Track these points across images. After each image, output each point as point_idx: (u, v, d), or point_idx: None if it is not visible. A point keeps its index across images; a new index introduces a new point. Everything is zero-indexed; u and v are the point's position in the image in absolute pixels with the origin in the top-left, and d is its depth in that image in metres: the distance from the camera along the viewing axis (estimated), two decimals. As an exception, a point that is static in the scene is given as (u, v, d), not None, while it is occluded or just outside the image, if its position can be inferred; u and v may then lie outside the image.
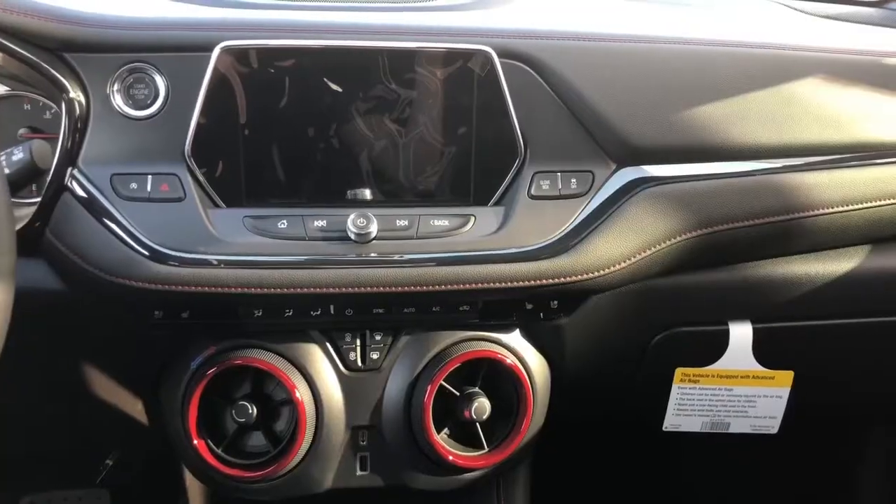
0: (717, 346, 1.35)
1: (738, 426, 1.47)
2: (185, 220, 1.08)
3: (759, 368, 1.37)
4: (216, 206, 1.11)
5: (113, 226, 1.07)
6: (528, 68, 1.20)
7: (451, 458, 1.25)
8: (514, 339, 1.26)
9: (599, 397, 1.48)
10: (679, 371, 1.37)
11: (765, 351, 1.34)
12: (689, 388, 1.41)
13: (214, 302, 1.11)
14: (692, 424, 1.46)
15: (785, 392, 1.43)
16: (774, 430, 1.48)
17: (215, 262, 1.07)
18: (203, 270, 1.06)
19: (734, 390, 1.42)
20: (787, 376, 1.42)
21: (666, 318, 1.34)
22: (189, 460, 1.27)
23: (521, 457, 1.37)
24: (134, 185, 1.08)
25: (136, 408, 1.34)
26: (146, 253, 1.06)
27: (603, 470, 1.94)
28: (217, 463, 1.21)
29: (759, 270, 1.33)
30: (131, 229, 1.06)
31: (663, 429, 1.43)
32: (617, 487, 1.97)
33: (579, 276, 1.17)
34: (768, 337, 1.33)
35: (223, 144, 1.10)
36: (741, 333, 1.34)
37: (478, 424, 1.22)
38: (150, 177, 1.09)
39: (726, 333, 1.33)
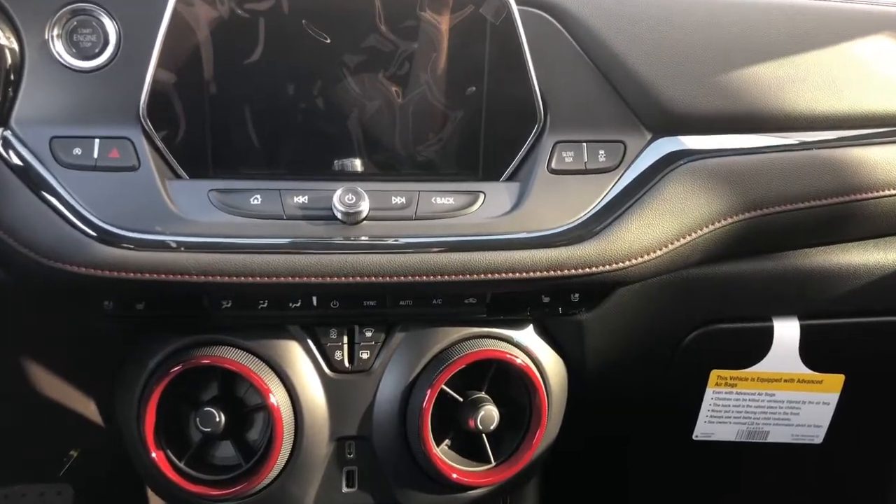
0: (759, 345, 1.25)
1: (778, 435, 1.35)
2: (140, 194, 0.97)
3: (805, 371, 1.27)
4: (177, 176, 1.00)
5: (52, 199, 0.95)
6: (550, 17, 1.06)
7: (454, 475, 1.12)
8: (527, 336, 1.15)
9: (622, 403, 1.37)
10: (714, 374, 1.27)
11: (813, 351, 1.25)
12: (725, 393, 1.29)
13: (175, 291, 1.00)
14: (726, 433, 1.34)
15: (833, 398, 1.31)
16: (818, 440, 1.36)
17: (175, 245, 0.96)
18: (160, 254, 0.95)
19: (776, 395, 1.30)
20: (836, 380, 1.29)
21: (702, 314, 1.21)
22: (147, 474, 1.13)
23: (532, 473, 1.24)
24: (77, 151, 0.97)
25: (89, 408, 1.20)
26: (92, 233, 0.94)
27: (622, 486, 1.79)
28: (178, 478, 1.08)
29: (810, 259, 1.21)
30: (74, 204, 0.95)
31: (693, 438, 1.34)
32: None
33: (607, 266, 1.03)
34: (818, 336, 1.24)
35: (185, 103, 0.99)
36: (787, 331, 1.24)
37: (484, 436, 1.13)
38: (97, 140, 0.97)
39: (770, 331, 1.23)
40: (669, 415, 1.38)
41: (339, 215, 0.98)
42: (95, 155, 0.97)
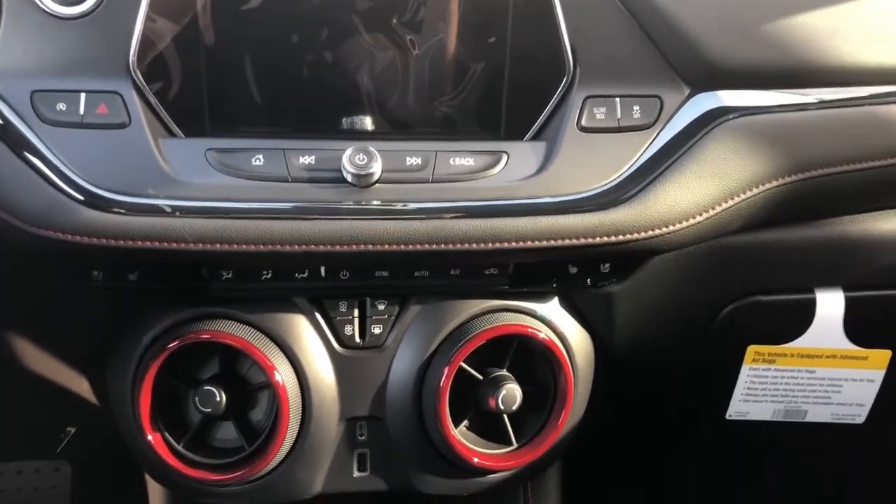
0: (799, 319, 1.17)
1: (816, 415, 1.28)
2: (130, 154, 0.91)
3: (849, 347, 1.20)
4: (171, 134, 0.94)
5: (34, 160, 0.89)
6: (581, -42, 0.98)
7: (474, 459, 1.06)
8: (552, 310, 1.09)
9: (652, 382, 1.31)
10: (752, 349, 1.20)
11: (858, 325, 1.18)
12: (763, 370, 1.22)
13: (170, 261, 0.94)
14: (762, 412, 1.27)
15: (879, 375, 1.23)
16: (860, 420, 1.29)
17: (169, 209, 0.90)
18: (153, 220, 0.89)
19: (816, 372, 1.22)
20: (882, 356, 1.22)
21: (740, 285, 1.13)
22: (143, 458, 1.06)
23: (556, 456, 1.18)
24: (62, 106, 0.91)
25: (81, 386, 1.15)
26: (79, 196, 0.88)
27: (648, 469, 1.72)
28: (176, 462, 1.02)
29: (857, 227, 1.14)
30: (58, 165, 0.89)
31: (727, 417, 1.27)
32: (665, 490, 1.76)
33: (642, 234, 0.96)
34: (863, 308, 1.17)
35: (180, 53, 0.93)
36: (831, 304, 1.16)
37: (505, 416, 1.07)
38: (82, 95, 0.91)
39: (812, 304, 1.16)
40: (701, 393, 1.32)
41: (348, 177, 0.92)
42: (81, 111, 0.91)
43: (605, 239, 0.95)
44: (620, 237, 0.95)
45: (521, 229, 0.93)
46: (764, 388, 1.23)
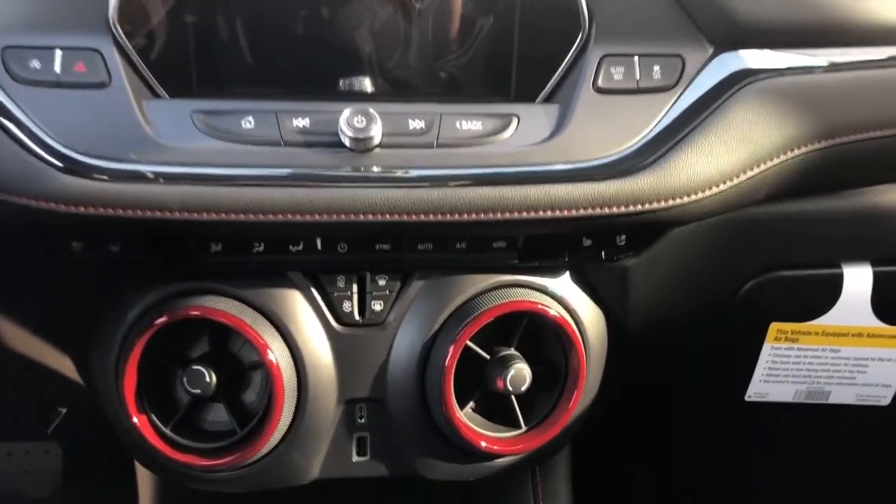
0: (825, 295, 1.12)
1: (840, 396, 1.23)
2: (111, 116, 0.86)
3: (877, 324, 1.14)
4: (154, 95, 0.90)
5: (6, 122, 0.85)
6: None
7: (482, 443, 1.01)
8: (564, 285, 1.04)
9: (668, 361, 1.26)
10: (774, 327, 1.15)
11: (887, 302, 1.12)
12: (785, 349, 1.17)
13: (154, 231, 0.89)
14: (783, 393, 1.22)
15: None
16: (885, 402, 1.24)
17: (152, 175, 0.85)
18: (135, 186, 0.84)
19: (841, 352, 1.17)
20: None
21: (763, 259, 1.08)
22: (129, 440, 1.01)
23: (566, 439, 1.13)
24: (35, 64, 0.86)
25: (65, 365, 1.10)
26: (55, 161, 0.84)
27: (663, 453, 1.67)
28: (163, 445, 0.97)
29: (887, 197, 1.08)
30: (33, 127, 0.85)
31: (746, 398, 1.23)
32: (679, 474, 1.70)
33: (662, 203, 0.91)
34: (893, 284, 1.12)
35: (164, 7, 0.89)
36: (858, 279, 1.11)
37: (513, 397, 1.02)
38: (58, 52, 0.86)
39: (839, 279, 1.11)
40: (719, 374, 1.27)
41: (346, 141, 0.87)
42: (57, 69, 0.86)
43: (623, 209, 0.90)
44: (639, 207, 0.91)
45: (533, 198, 0.88)
46: (786, 367, 1.18)
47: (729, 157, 0.92)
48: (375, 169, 0.87)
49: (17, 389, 1.41)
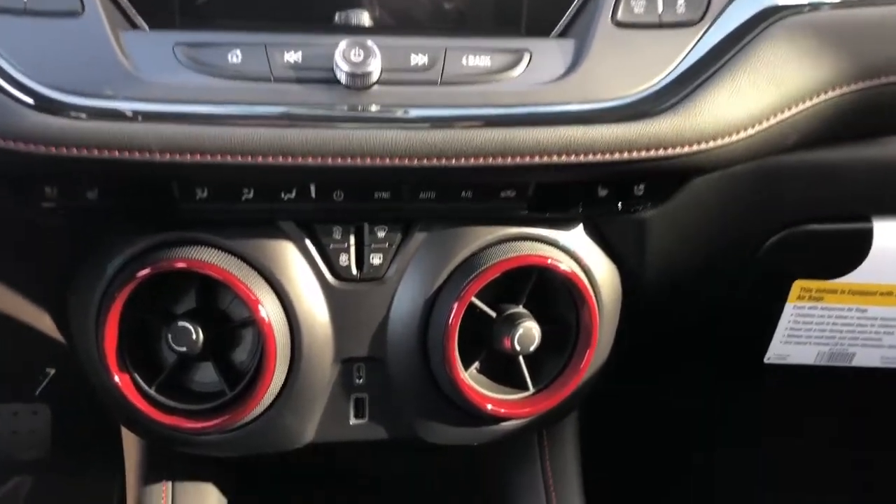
0: (853, 251, 1.07)
1: (864, 359, 1.18)
2: (85, 48, 0.80)
3: None
4: (132, 26, 0.83)
5: None
6: None
7: (488, 405, 0.97)
8: (576, 238, 0.98)
9: (683, 320, 1.20)
10: (798, 285, 1.09)
11: None
12: (809, 308, 1.11)
13: (134, 175, 0.83)
14: (804, 355, 1.17)
15: None
16: None
17: (131, 114, 0.79)
18: (112, 125, 0.78)
19: (868, 312, 1.12)
20: None
21: (790, 212, 1.03)
22: (111, 402, 0.96)
23: (576, 402, 1.08)
24: None
25: (44, 323, 1.03)
26: (24, 97, 0.77)
27: (674, 419, 1.62)
28: (147, 406, 0.92)
29: None
30: None
31: (765, 360, 1.18)
32: (691, 440, 1.65)
33: (686, 148, 0.85)
34: None
35: None
36: (889, 234, 1.05)
37: (521, 358, 0.97)
38: None
39: (868, 234, 1.05)
40: (737, 334, 1.23)
41: (342, 77, 0.80)
42: None
43: (643, 154, 0.84)
44: (661, 152, 0.84)
45: (545, 141, 0.82)
46: (808, 328, 1.13)
47: (758, 98, 0.86)
48: (374, 108, 0.81)
49: (3, 349, 1.38)
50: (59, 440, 1.65)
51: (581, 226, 0.97)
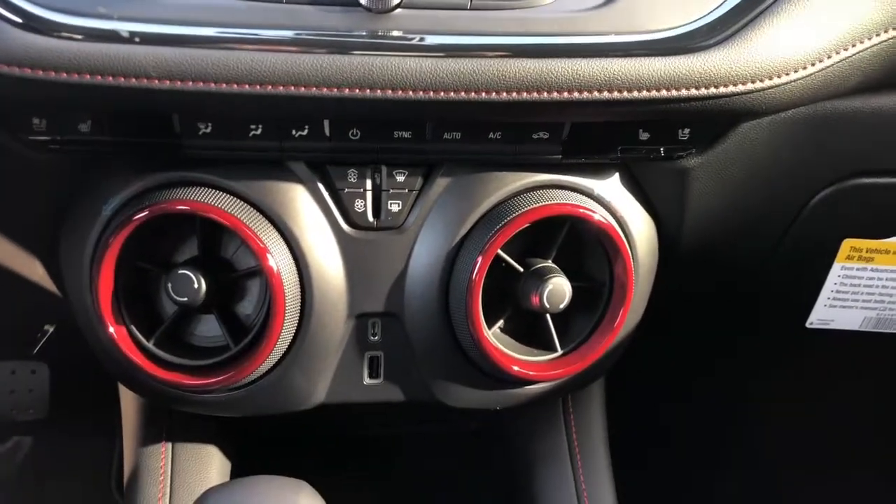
0: None
1: None
2: None
3: None
4: None
5: None
6: None
7: (514, 367, 0.90)
8: (611, 187, 0.91)
9: (723, 278, 1.13)
10: (847, 244, 1.03)
11: None
12: (857, 269, 1.05)
13: (131, 106, 0.77)
14: (849, 320, 1.11)
15: None
16: None
17: (127, 34, 0.73)
18: (107, 48, 0.72)
19: None
20: None
21: (843, 163, 0.95)
22: (106, 356, 0.91)
23: (606, 365, 1.01)
24: None
25: (36, 272, 0.97)
26: (10, 15, 0.72)
27: (708, 382, 1.56)
28: (146, 362, 0.86)
29: None
30: None
31: (807, 325, 1.11)
32: (726, 406, 1.58)
33: (740, 87, 0.78)
34: None
35: None
36: None
37: (548, 316, 0.91)
38: None
39: None
40: (779, 296, 1.16)
41: None
42: None
43: (692, 92, 0.77)
44: (712, 90, 0.77)
45: (584, 75, 0.75)
46: (856, 291, 1.07)
47: (820, 32, 0.79)
48: (396, 33, 0.75)
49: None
50: (59, 400, 1.60)
51: (617, 175, 0.91)
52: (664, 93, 0.76)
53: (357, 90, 0.73)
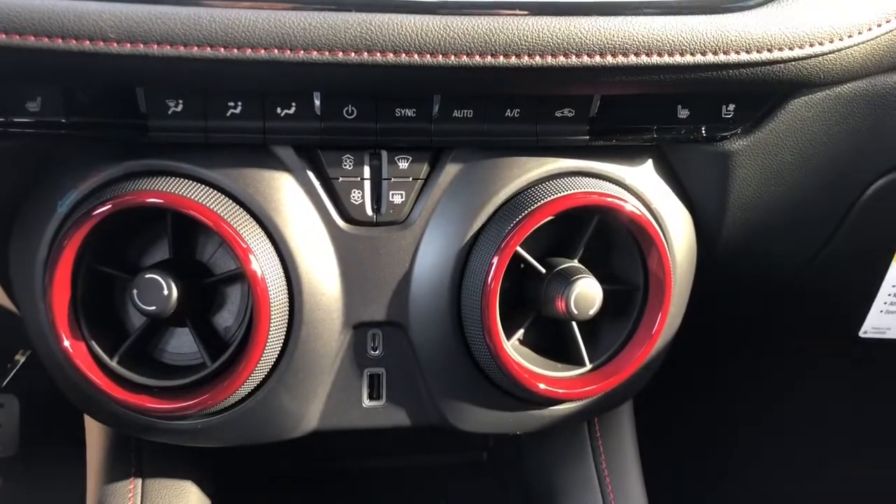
0: None
1: None
2: None
3: None
4: None
5: None
6: None
7: (539, 384, 0.81)
8: (644, 176, 0.84)
9: (766, 280, 1.05)
10: None
11: None
12: None
13: (88, 78, 0.69)
14: None
15: None
16: None
17: None
18: (54, 3, 0.65)
19: None
20: None
21: None
22: (60, 376, 0.82)
23: (641, 381, 0.93)
24: None
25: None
26: None
27: (745, 402, 1.48)
28: (108, 383, 0.76)
29: None
30: None
31: (860, 334, 1.04)
32: (766, 436, 1.49)
33: (795, 51, 0.71)
34: None
35: None
36: None
37: (575, 325, 0.83)
38: None
39: None
40: (828, 302, 1.10)
41: None
42: None
43: (742, 57, 0.70)
44: (765, 55, 0.71)
45: (615, 36, 0.69)
46: None
47: None
48: None
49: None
50: (29, 436, 1.53)
51: (650, 161, 0.84)
52: (710, 57, 0.69)
53: (353, 54, 0.66)
